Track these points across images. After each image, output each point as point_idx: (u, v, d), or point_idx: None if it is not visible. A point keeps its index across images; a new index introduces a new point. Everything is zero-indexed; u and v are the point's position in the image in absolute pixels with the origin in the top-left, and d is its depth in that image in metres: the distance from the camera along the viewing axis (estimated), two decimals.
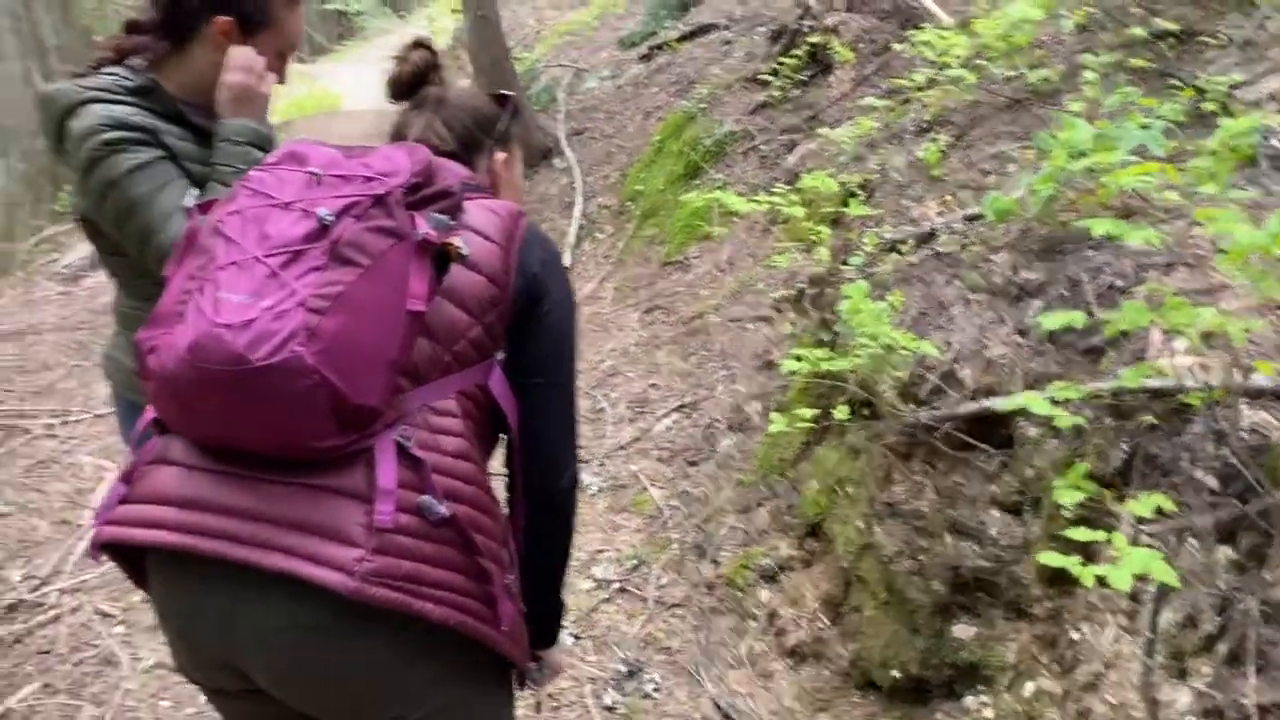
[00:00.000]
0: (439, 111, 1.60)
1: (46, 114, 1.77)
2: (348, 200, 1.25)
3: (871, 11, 4.91)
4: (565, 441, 1.50)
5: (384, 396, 1.25)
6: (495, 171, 1.62)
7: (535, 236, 1.47)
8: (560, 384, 1.49)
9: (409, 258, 1.26)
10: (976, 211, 3.01)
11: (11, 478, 4.26)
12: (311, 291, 1.19)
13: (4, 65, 9.62)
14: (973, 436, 2.25)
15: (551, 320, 1.45)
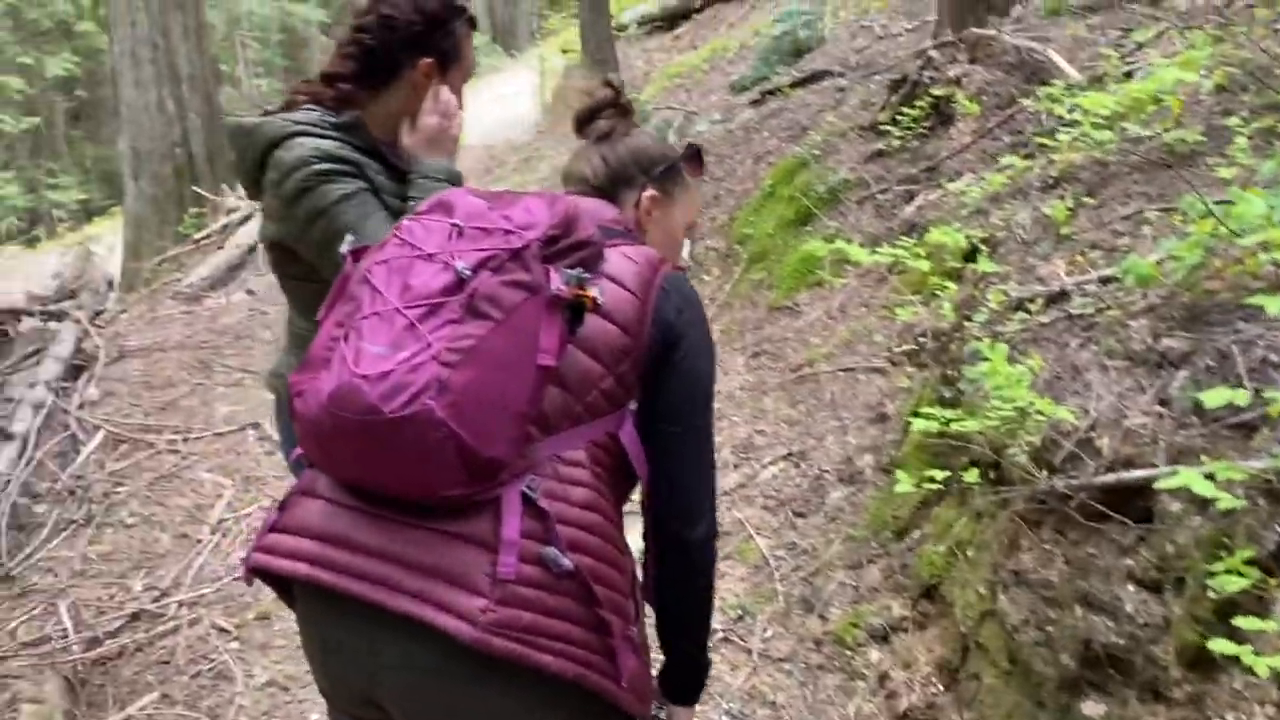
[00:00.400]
0: (600, 145, 1.67)
1: (248, 143, 1.88)
2: (486, 254, 1.29)
3: (996, 64, 4.86)
4: (700, 489, 1.50)
5: (511, 448, 1.28)
6: (642, 209, 1.65)
7: (674, 284, 1.49)
8: (695, 430, 1.50)
9: (541, 312, 1.29)
10: (1111, 273, 2.94)
11: (137, 490, 4.44)
12: (445, 345, 1.23)
13: (142, 93, 10.09)
14: (1108, 507, 2.18)
15: (686, 367, 1.47)
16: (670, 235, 1.70)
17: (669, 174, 1.69)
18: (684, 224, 1.74)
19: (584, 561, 1.32)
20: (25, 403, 4.76)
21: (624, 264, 1.45)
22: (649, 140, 1.71)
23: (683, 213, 1.73)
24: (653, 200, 1.66)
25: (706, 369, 1.51)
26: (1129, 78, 4.30)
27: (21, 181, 20.93)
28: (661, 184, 1.67)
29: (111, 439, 4.81)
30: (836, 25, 8.40)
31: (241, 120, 1.94)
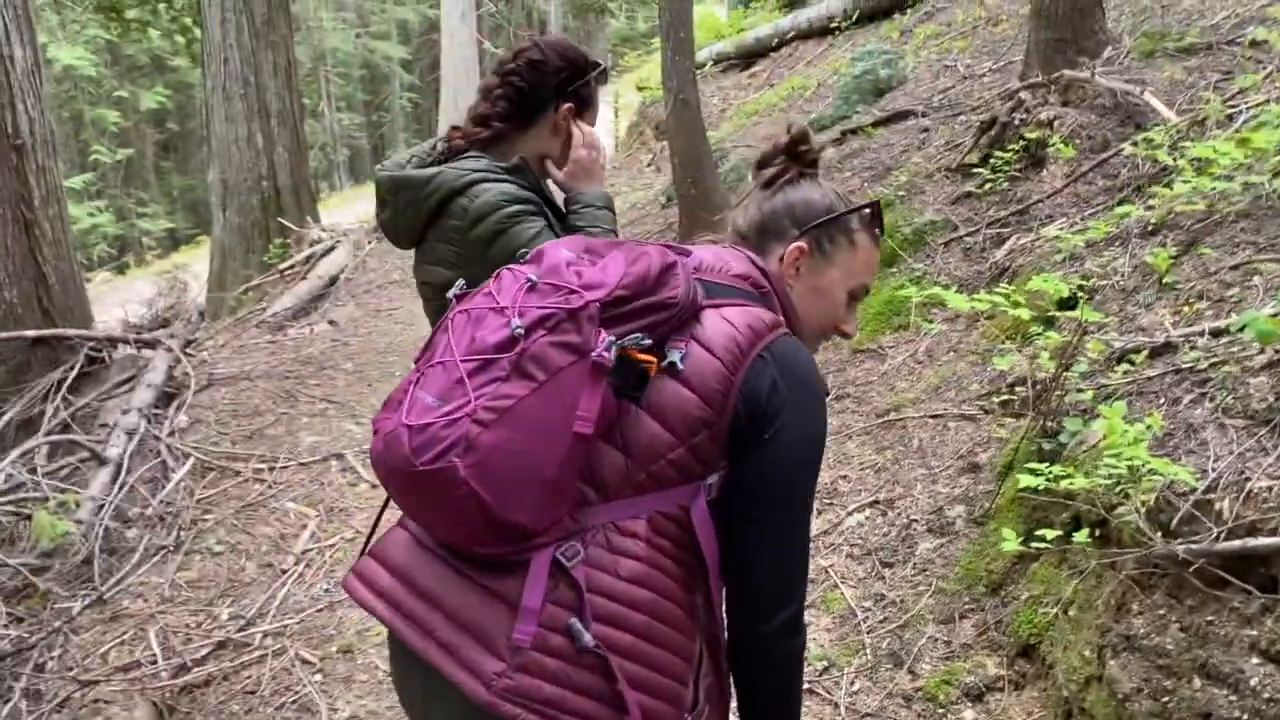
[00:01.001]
0: (762, 192, 1.59)
1: (423, 194, 2.00)
2: (545, 312, 1.26)
3: (1090, 107, 4.77)
4: (774, 583, 1.38)
5: (538, 514, 1.25)
6: (785, 263, 1.52)
7: (779, 354, 1.36)
8: (772, 524, 1.37)
9: (584, 377, 1.24)
10: (1221, 325, 2.85)
11: (224, 518, 4.51)
12: (485, 402, 1.22)
13: (232, 127, 10.38)
14: (1229, 573, 2.09)
15: (771, 451, 1.34)
16: (821, 297, 1.54)
17: (827, 228, 1.52)
18: (845, 287, 1.55)
19: (620, 639, 1.28)
20: (119, 428, 4.89)
21: (719, 327, 1.35)
22: (821, 193, 1.56)
23: (843, 274, 1.54)
24: (799, 253, 1.52)
25: (799, 457, 1.36)
26: (1231, 121, 4.19)
27: (113, 210, 21.71)
28: (815, 237, 1.52)
29: (200, 466, 4.91)
30: (918, 64, 8.34)
31: (409, 173, 2.03)
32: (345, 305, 8.75)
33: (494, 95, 2.09)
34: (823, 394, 1.41)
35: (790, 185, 1.57)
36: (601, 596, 1.27)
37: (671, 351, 1.31)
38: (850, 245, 1.54)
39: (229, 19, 9.96)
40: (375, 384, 6.28)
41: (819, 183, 1.59)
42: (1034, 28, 5.81)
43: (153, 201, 24.08)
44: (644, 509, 1.32)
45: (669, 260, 1.36)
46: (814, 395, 1.39)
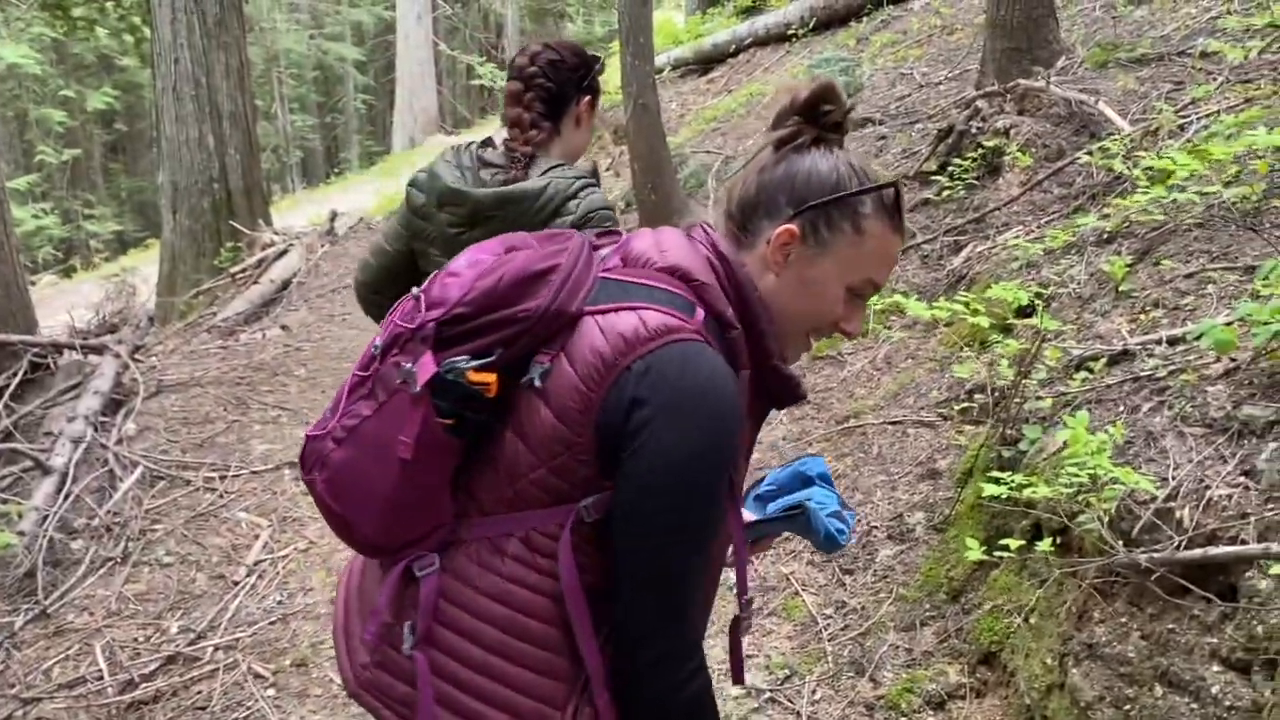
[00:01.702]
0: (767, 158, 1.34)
1: (542, 202, 2.15)
2: (396, 330, 1.26)
3: (1045, 116, 4.82)
4: (636, 616, 1.22)
5: (381, 531, 1.28)
6: (771, 248, 1.30)
7: (655, 365, 1.18)
8: (632, 550, 1.21)
9: (405, 401, 1.22)
10: (1178, 334, 2.88)
11: (173, 528, 4.41)
12: (341, 421, 1.27)
13: (182, 128, 10.20)
14: (1189, 581, 2.10)
15: (631, 472, 1.19)
16: (811, 291, 1.31)
17: (827, 209, 1.28)
18: (843, 282, 1.31)
19: (471, 652, 1.26)
20: (65, 437, 4.76)
21: (589, 338, 1.20)
22: (830, 164, 1.30)
23: (841, 266, 1.30)
24: (788, 237, 1.28)
25: (665, 480, 1.18)
26: (1183, 131, 4.26)
27: (59, 212, 21.24)
28: (811, 219, 1.29)
29: (149, 475, 4.79)
30: (875, 72, 8.40)
31: (517, 188, 2.16)
32: (298, 310, 8.62)
33: (526, 99, 2.24)
34: (716, 409, 1.19)
35: (798, 153, 1.31)
36: (456, 608, 1.27)
37: (534, 367, 1.22)
38: (855, 232, 1.28)
39: (180, 19, 9.78)
40: (328, 390, 6.18)
41: (834, 152, 1.32)
42: (989, 37, 5.87)
43: (100, 203, 23.59)
44: (519, 527, 1.25)
45: (540, 268, 1.23)
46: (694, 411, 1.18)
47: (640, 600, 1.22)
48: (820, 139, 1.32)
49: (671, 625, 1.23)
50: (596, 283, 1.26)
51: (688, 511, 1.20)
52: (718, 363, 1.21)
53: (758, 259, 1.31)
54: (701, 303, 1.25)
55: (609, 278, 1.27)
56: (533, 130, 2.23)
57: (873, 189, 1.29)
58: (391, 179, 15.81)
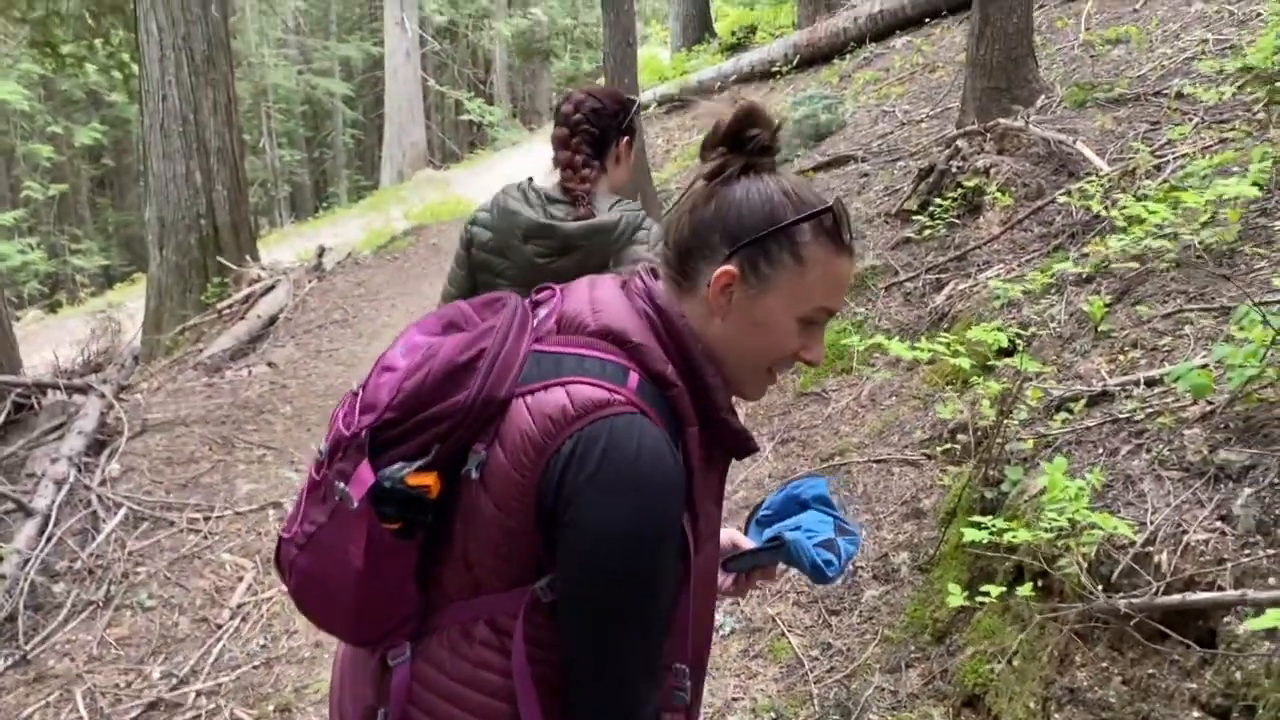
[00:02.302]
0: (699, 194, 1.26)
1: (618, 232, 2.41)
2: (335, 437, 1.24)
3: (1025, 155, 4.88)
4: (579, 692, 1.21)
5: (351, 629, 1.32)
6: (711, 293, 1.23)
7: (584, 442, 1.14)
8: (571, 629, 1.20)
9: (347, 512, 1.20)
10: (1156, 375, 2.91)
11: (156, 571, 4.38)
12: (302, 526, 1.27)
13: (170, 164, 10.22)
14: (1168, 627, 2.12)
15: (562, 552, 1.17)
16: (761, 331, 1.24)
17: (763, 244, 1.20)
18: (793, 315, 1.23)
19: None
20: (48, 478, 4.73)
21: (518, 423, 1.17)
22: (762, 195, 1.21)
23: (787, 300, 1.22)
24: (726, 280, 1.21)
25: (592, 560, 1.16)
26: (1160, 171, 4.32)
27: (45, 246, 21.21)
28: (749, 257, 1.21)
29: (133, 516, 4.76)
30: (857, 109, 8.50)
31: (602, 219, 2.41)
32: (284, 346, 8.61)
33: (574, 144, 2.48)
34: (646, 483, 1.15)
35: (727, 185, 1.23)
36: (431, 694, 1.27)
37: (471, 457, 1.19)
38: (797, 263, 1.20)
39: (168, 56, 9.84)
40: (314, 429, 6.16)
41: (765, 179, 1.23)
42: (969, 76, 5.95)
43: (87, 238, 23.56)
44: (484, 611, 1.25)
45: (466, 358, 1.20)
46: (620, 488, 1.14)
47: (581, 678, 1.20)
48: (749, 166, 1.23)
49: (611, 705, 1.20)
50: (528, 358, 1.22)
51: (619, 591, 1.17)
52: (648, 433, 1.16)
53: (700, 304, 1.24)
54: (637, 366, 1.20)
55: (541, 350, 1.23)
56: (585, 169, 2.47)
57: (809, 215, 1.20)
58: (379, 213, 15.86)
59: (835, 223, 1.22)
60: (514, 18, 25.33)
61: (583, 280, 1.32)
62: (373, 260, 11.61)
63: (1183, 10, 6.67)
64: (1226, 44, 5.51)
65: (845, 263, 1.24)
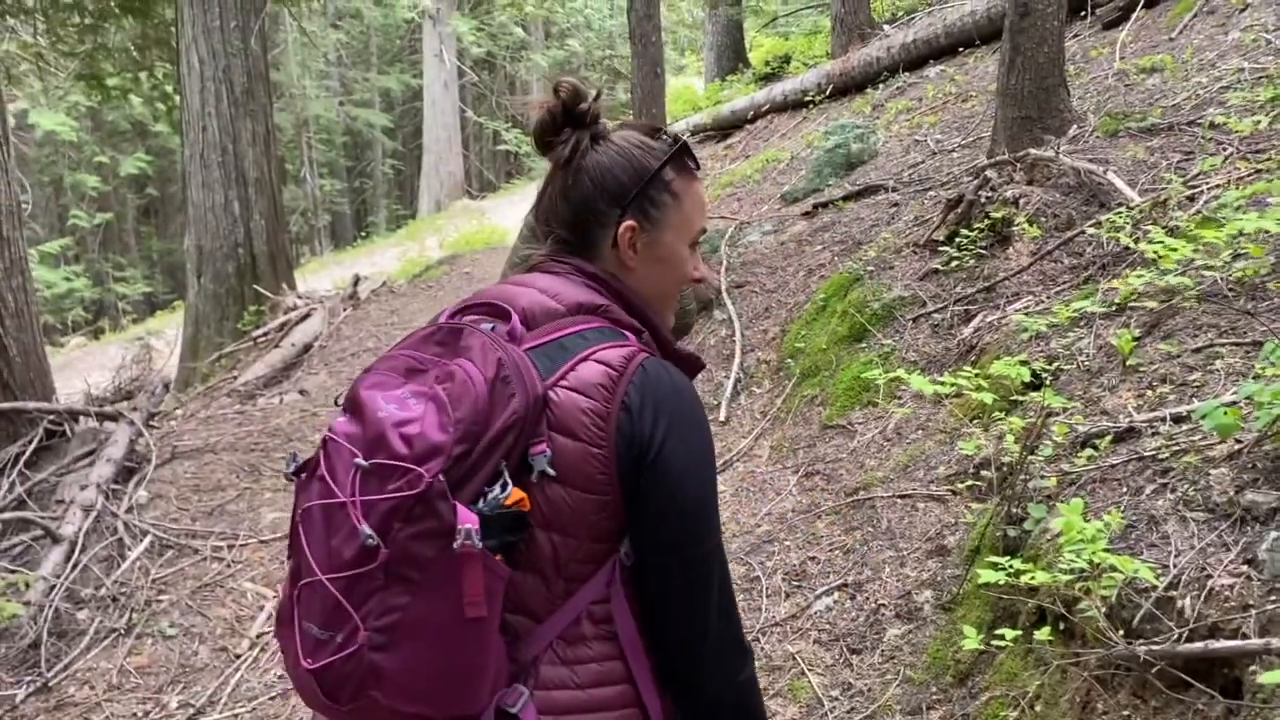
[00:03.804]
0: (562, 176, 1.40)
1: None
2: (391, 503, 1.15)
3: (1054, 186, 4.82)
4: (694, 608, 1.28)
5: (476, 698, 1.20)
6: (622, 250, 1.39)
7: (642, 387, 1.25)
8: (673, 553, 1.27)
9: (456, 564, 1.14)
10: (1183, 412, 2.83)
11: (179, 599, 4.40)
12: (372, 624, 1.14)
13: (209, 194, 10.41)
14: (1192, 675, 2.04)
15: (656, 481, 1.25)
16: (665, 264, 1.42)
17: (646, 192, 1.38)
18: (685, 242, 1.43)
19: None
20: (76, 505, 4.78)
21: (570, 407, 1.23)
22: (623, 155, 1.39)
23: (675, 233, 1.41)
24: (630, 233, 1.38)
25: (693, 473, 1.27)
26: (1192, 202, 4.24)
27: (89, 274, 21.65)
28: (639, 208, 1.38)
29: (158, 544, 4.80)
30: (889, 139, 8.45)
31: None
32: (318, 374, 8.69)
33: None
34: (696, 398, 1.32)
35: (585, 159, 1.38)
36: (567, 713, 1.25)
37: (536, 460, 1.21)
38: (673, 198, 1.40)
39: (208, 88, 10.04)
40: None
41: (611, 141, 1.40)
42: (1000, 105, 5.89)
43: (130, 265, 24.04)
44: (577, 609, 1.27)
45: (496, 373, 1.21)
46: (688, 406, 1.29)
47: (703, 573, 1.28)
48: (595, 136, 1.40)
49: (725, 613, 1.31)
50: (530, 357, 1.27)
51: (711, 493, 1.31)
52: (668, 367, 1.32)
53: (610, 262, 1.40)
54: (614, 325, 1.34)
55: (535, 346, 1.29)
56: None
57: (670, 158, 1.40)
58: (415, 242, 16.03)
59: (685, 153, 1.43)
60: (551, 49, 25.61)
61: (508, 287, 1.38)
62: (407, 289, 11.72)
63: (1219, 39, 6.57)
64: (1263, 73, 5.41)
65: (701, 185, 1.47)
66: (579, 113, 1.39)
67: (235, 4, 10.00)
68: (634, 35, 6.59)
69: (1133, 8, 7.84)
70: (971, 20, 9.57)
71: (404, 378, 1.26)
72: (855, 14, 11.41)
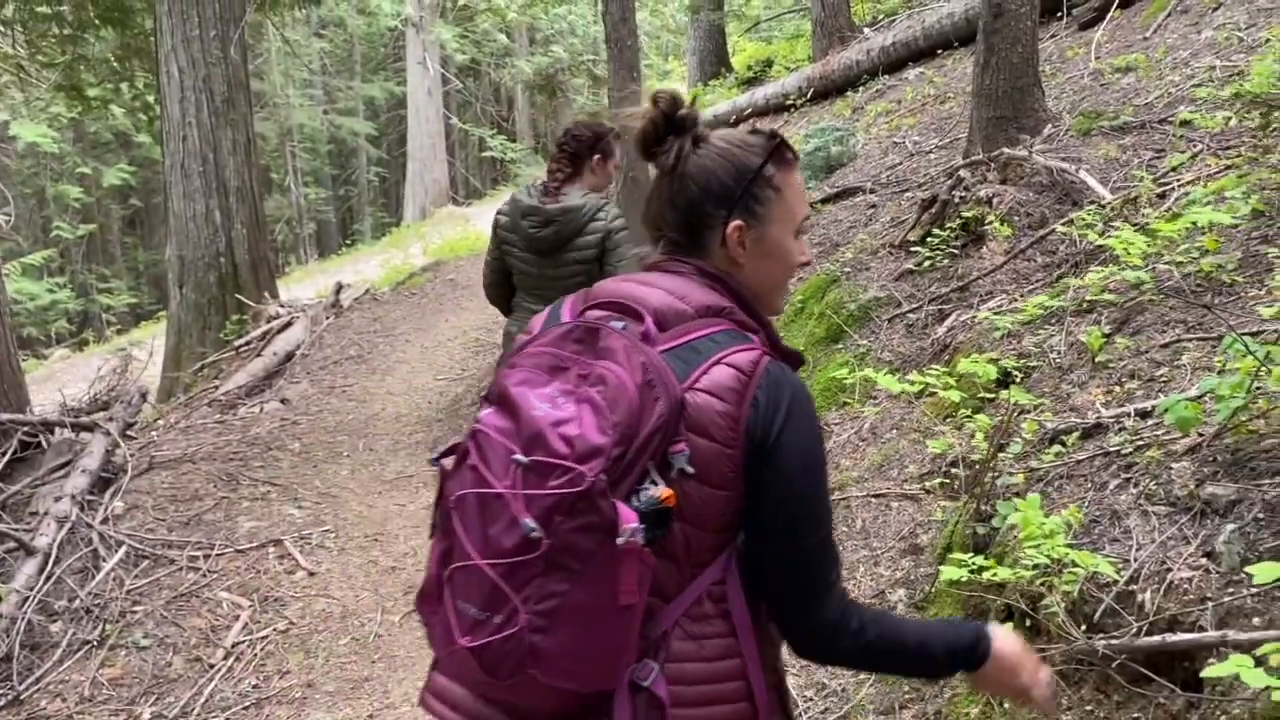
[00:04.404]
0: (667, 183, 1.47)
1: (583, 213, 3.76)
2: (554, 499, 1.23)
3: (1028, 185, 4.83)
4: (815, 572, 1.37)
5: (616, 675, 1.30)
6: (731, 249, 1.45)
7: (767, 392, 1.34)
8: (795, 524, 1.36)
9: (616, 557, 1.24)
10: (1148, 406, 2.84)
11: (153, 609, 4.36)
12: (532, 609, 1.23)
13: (190, 203, 10.35)
14: (1153, 670, 2.04)
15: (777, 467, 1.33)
16: (773, 257, 1.47)
17: (750, 191, 1.43)
18: (790, 232, 1.48)
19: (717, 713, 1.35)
20: (50, 516, 4.73)
21: (706, 409, 1.32)
22: (716, 157, 1.44)
23: (781, 225, 1.47)
24: (739, 233, 1.44)
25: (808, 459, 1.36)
26: (1163, 199, 4.25)
27: (73, 285, 21.54)
28: (745, 207, 1.44)
29: (133, 555, 4.76)
30: (869, 141, 8.47)
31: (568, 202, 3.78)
32: (299, 383, 8.65)
33: (556, 157, 3.86)
34: (809, 395, 1.40)
35: (688, 164, 1.44)
36: (695, 685, 1.33)
37: (676, 458, 1.30)
38: (777, 193, 1.45)
39: (188, 97, 9.99)
40: (320, 465, 6.17)
41: (711, 144, 1.46)
42: (975, 106, 5.91)
43: (116, 276, 23.93)
44: (699, 590, 1.36)
45: (643, 378, 1.29)
46: (804, 401, 1.37)
47: (816, 560, 1.36)
48: (695, 140, 1.46)
49: (839, 575, 1.40)
50: (672, 380, 1.33)
51: (824, 486, 1.40)
52: (787, 369, 1.40)
53: (722, 260, 1.46)
54: (736, 325, 1.41)
55: (669, 348, 1.36)
56: (559, 174, 3.81)
57: (770, 155, 1.45)
58: (399, 249, 15.99)
59: (781, 145, 1.47)
60: (536, 55, 25.61)
61: (633, 286, 1.44)
62: (390, 296, 11.69)
63: (1193, 38, 6.61)
64: (1235, 70, 5.44)
65: (799, 174, 1.52)
66: (679, 119, 1.45)
67: (215, 13, 9.95)
68: (610, 40, 6.59)
69: (1108, 8, 7.88)
70: (950, 22, 9.61)
71: (549, 375, 1.33)
72: (836, 18, 11.45)
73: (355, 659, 4.04)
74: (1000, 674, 1.48)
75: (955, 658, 1.45)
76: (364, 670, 3.96)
